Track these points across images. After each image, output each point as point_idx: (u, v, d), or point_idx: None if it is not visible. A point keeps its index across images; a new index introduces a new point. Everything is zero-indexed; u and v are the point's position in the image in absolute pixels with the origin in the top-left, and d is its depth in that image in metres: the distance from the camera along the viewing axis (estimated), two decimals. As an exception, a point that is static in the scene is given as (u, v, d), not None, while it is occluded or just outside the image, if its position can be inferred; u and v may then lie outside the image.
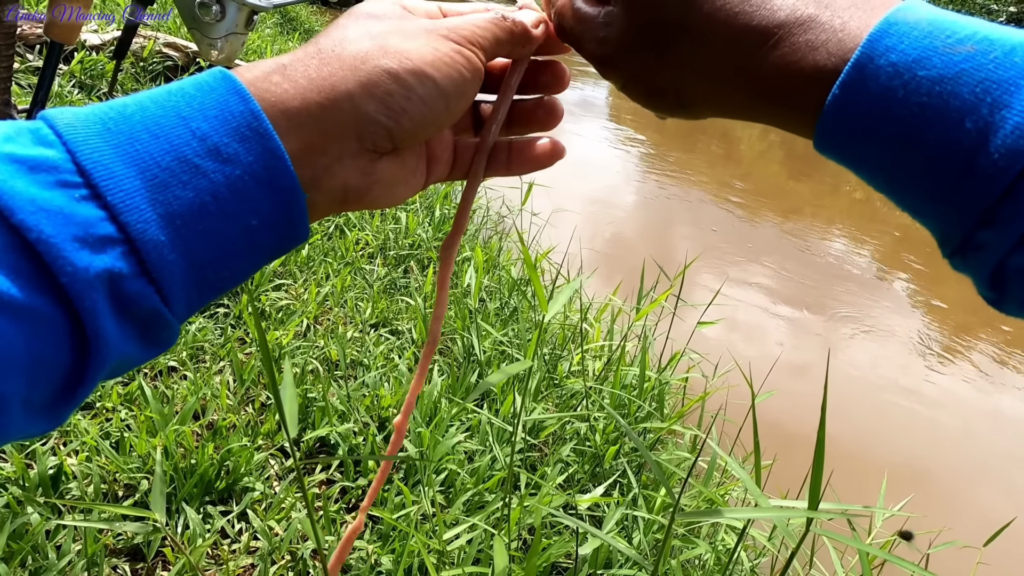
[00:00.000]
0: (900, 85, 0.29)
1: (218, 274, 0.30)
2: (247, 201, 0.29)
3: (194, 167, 0.28)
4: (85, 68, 3.05)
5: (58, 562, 1.07)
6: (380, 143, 0.34)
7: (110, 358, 0.27)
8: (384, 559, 1.27)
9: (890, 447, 2.76)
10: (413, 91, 0.33)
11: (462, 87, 0.35)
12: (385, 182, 0.36)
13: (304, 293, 2.16)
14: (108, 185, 0.26)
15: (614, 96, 9.10)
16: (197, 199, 0.28)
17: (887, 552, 0.68)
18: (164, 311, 0.28)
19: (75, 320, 0.25)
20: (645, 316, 2.00)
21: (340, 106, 0.32)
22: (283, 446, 1.53)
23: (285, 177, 0.30)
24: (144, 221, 0.26)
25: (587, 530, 0.85)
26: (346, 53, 0.32)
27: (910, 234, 5.86)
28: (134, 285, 0.26)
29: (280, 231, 0.31)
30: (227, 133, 0.29)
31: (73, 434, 1.36)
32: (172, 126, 0.28)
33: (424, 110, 0.34)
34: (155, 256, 0.27)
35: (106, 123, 0.27)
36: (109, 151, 0.27)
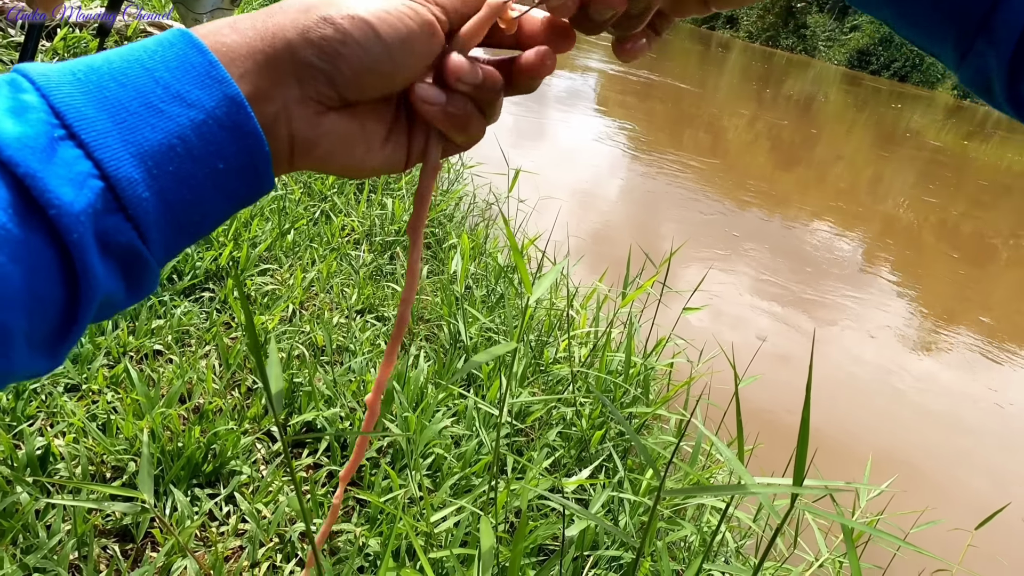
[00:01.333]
0: None
1: (190, 217, 0.31)
2: (212, 144, 0.31)
3: (160, 111, 0.30)
4: (68, 46, 3.00)
5: (48, 541, 1.07)
6: (322, 90, 0.34)
7: (98, 293, 0.29)
8: (372, 541, 1.28)
9: (873, 433, 2.80)
10: (349, 35, 0.34)
11: (406, 38, 0.35)
12: (336, 138, 0.36)
13: (290, 278, 2.15)
14: (82, 125, 0.28)
15: (602, 86, 9.09)
16: (166, 141, 0.29)
17: (872, 528, 0.69)
18: (142, 249, 0.30)
19: (64, 255, 0.27)
20: (631, 303, 2.01)
21: (280, 52, 0.33)
22: (270, 430, 1.53)
23: (247, 122, 0.32)
24: (117, 159, 0.28)
25: (574, 511, 0.86)
26: (292, 7, 0.34)
27: (894, 224, 5.92)
28: (112, 220, 0.28)
29: (246, 178, 0.33)
30: (188, 81, 0.30)
31: (60, 415, 1.35)
32: (137, 75, 0.30)
33: (362, 55, 0.34)
34: (130, 192, 0.28)
35: (75, 74, 0.29)
36: (80, 96, 0.28)
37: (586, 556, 1.39)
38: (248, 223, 2.30)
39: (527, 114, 6.45)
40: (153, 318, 1.73)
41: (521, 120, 6.21)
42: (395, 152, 0.40)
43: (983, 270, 5.23)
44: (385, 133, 0.39)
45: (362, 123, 0.37)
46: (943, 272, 5.01)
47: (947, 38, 0.34)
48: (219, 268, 2.04)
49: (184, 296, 1.90)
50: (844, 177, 7.17)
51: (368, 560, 1.27)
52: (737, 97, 10.20)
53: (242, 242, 2.17)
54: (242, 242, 2.17)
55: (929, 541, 1.31)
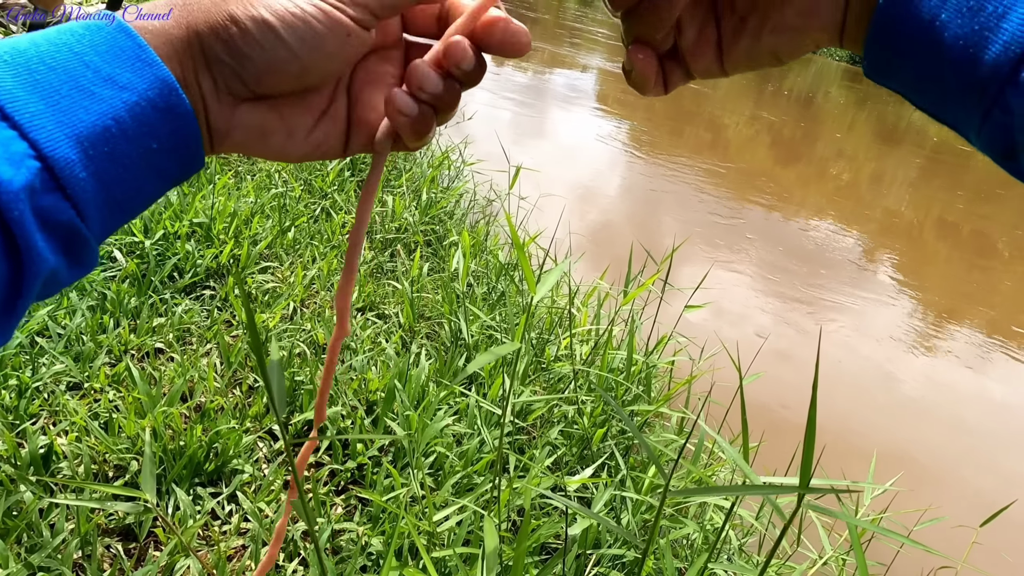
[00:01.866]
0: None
1: (126, 195, 0.32)
2: (146, 125, 0.32)
3: (92, 94, 0.30)
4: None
5: (52, 540, 1.07)
6: (233, 85, 0.35)
7: (43, 268, 0.29)
8: (374, 541, 1.28)
9: (876, 430, 2.79)
10: (251, 36, 0.34)
11: (313, 41, 0.35)
12: (250, 128, 0.37)
13: (290, 276, 2.15)
14: (15, 107, 0.28)
15: (602, 83, 9.08)
16: (100, 122, 0.30)
17: (877, 526, 0.69)
18: (81, 226, 0.30)
19: (6, 232, 0.27)
20: (632, 300, 2.01)
21: (193, 44, 0.34)
22: (271, 429, 1.53)
23: (179, 103, 0.33)
24: (53, 140, 0.28)
25: (577, 510, 0.86)
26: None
27: (895, 220, 5.92)
28: (51, 198, 0.29)
29: (179, 156, 0.34)
30: (119, 64, 0.31)
31: (62, 414, 1.35)
32: (66, 59, 0.30)
33: (266, 56, 0.35)
34: (67, 172, 0.29)
35: (2, 57, 0.29)
36: (10, 79, 0.28)
37: (589, 554, 1.39)
38: (249, 221, 2.30)
39: (527, 111, 6.45)
40: (154, 316, 1.73)
41: (521, 117, 6.20)
42: (326, 139, 0.40)
43: (985, 266, 5.23)
44: (312, 123, 0.39)
45: (280, 114, 0.38)
46: (945, 268, 5.00)
47: (968, 99, 0.33)
48: (220, 266, 2.04)
49: (185, 294, 1.89)
50: (845, 174, 7.17)
51: (371, 559, 1.27)
52: (737, 94, 10.19)
53: (243, 240, 2.17)
54: (243, 240, 2.17)
55: (933, 538, 1.31)
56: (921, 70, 0.34)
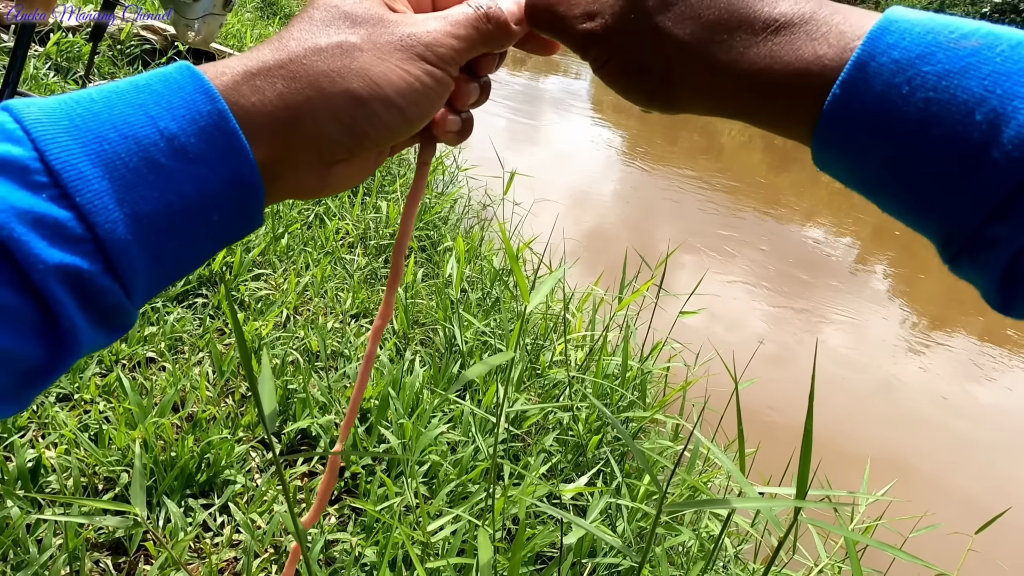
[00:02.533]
0: (904, 81, 0.28)
1: (177, 265, 0.31)
2: (211, 199, 0.30)
3: (160, 167, 0.28)
4: (61, 50, 2.98)
5: (39, 556, 1.05)
6: (339, 156, 0.35)
7: (83, 347, 0.28)
8: (368, 551, 1.26)
9: (870, 435, 2.79)
10: (377, 116, 0.34)
11: (427, 109, 0.36)
12: (338, 183, 0.37)
13: (284, 283, 2.14)
14: (77, 186, 0.26)
15: (596, 88, 9.09)
16: (163, 198, 0.28)
17: (870, 538, 0.68)
18: (126, 303, 0.29)
19: (46, 313, 0.26)
20: (627, 306, 2.01)
21: (304, 124, 0.32)
22: (264, 438, 1.52)
23: (250, 176, 0.31)
24: (112, 222, 0.27)
25: (571, 520, 0.85)
26: (315, 69, 0.32)
27: (889, 225, 5.94)
28: (101, 282, 0.27)
29: (237, 223, 0.32)
30: (194, 133, 0.29)
31: (51, 426, 1.34)
32: (140, 125, 0.28)
33: (386, 132, 0.35)
34: (121, 255, 0.28)
35: (73, 119, 0.27)
36: (77, 149, 0.27)
37: (584, 563, 1.38)
38: (241, 228, 2.28)
39: (522, 117, 6.45)
40: (146, 325, 1.71)
41: (516, 123, 6.20)
42: (375, 166, 0.40)
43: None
44: (376, 155, 0.40)
45: (361, 163, 0.38)
46: (937, 274, 5.02)
47: (931, 237, 0.32)
48: (212, 273, 2.02)
49: (177, 302, 1.88)
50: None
51: (364, 570, 1.26)
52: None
53: (235, 247, 2.16)
54: (235, 247, 2.16)
55: (929, 546, 1.30)
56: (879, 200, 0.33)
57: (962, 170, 0.28)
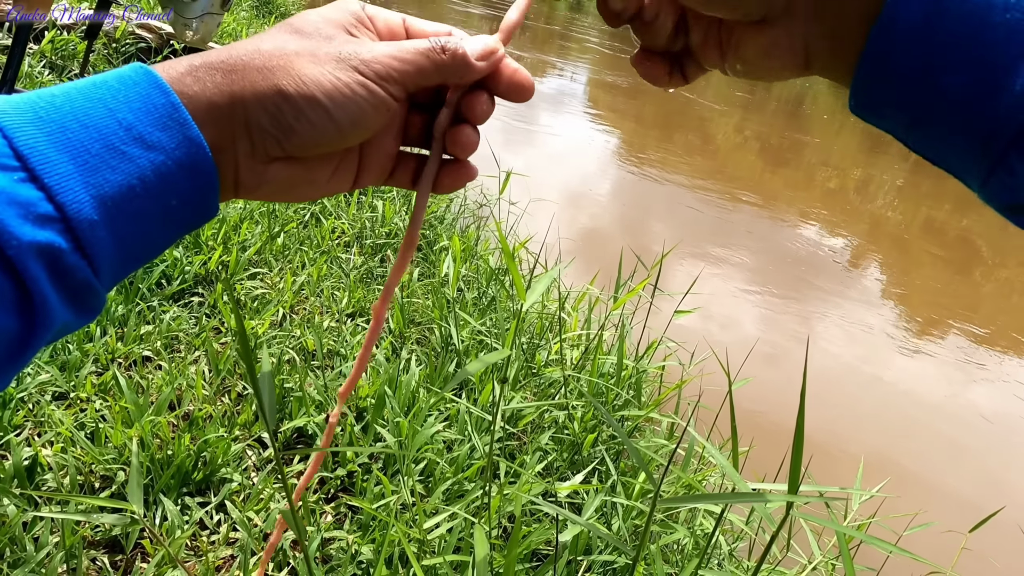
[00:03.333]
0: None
1: (141, 248, 0.33)
2: (169, 183, 0.32)
3: (121, 153, 0.31)
4: (56, 48, 2.98)
5: (36, 554, 1.05)
6: (271, 149, 0.36)
7: (56, 323, 0.30)
8: (364, 549, 1.27)
9: (864, 434, 2.81)
10: (302, 113, 0.35)
11: (358, 118, 0.37)
12: (277, 183, 0.38)
13: (280, 282, 2.14)
14: (44, 169, 0.28)
15: (592, 88, 9.11)
16: (126, 182, 0.31)
17: (864, 533, 0.69)
18: (94, 282, 0.31)
19: (21, 289, 0.28)
20: (623, 305, 2.01)
21: (237, 112, 0.34)
22: (260, 437, 1.52)
23: (205, 162, 0.33)
24: (79, 202, 0.29)
25: (567, 517, 0.86)
26: (252, 65, 0.35)
27: (882, 225, 5.96)
28: (71, 259, 0.29)
29: (195, 209, 0.35)
30: (151, 123, 0.32)
31: (47, 424, 1.34)
32: (99, 116, 0.31)
33: (313, 132, 0.36)
34: (89, 234, 0.29)
35: (37, 112, 0.29)
36: (43, 138, 0.29)
37: (580, 560, 1.39)
38: (238, 227, 2.29)
39: (517, 116, 6.45)
40: (142, 324, 1.71)
41: (511, 122, 6.21)
42: (341, 183, 0.42)
43: (970, 271, 5.27)
44: (331, 171, 0.41)
45: (307, 167, 0.39)
46: (931, 273, 5.04)
47: (969, 152, 0.32)
48: (208, 272, 2.02)
49: (173, 301, 1.88)
50: (832, 180, 7.21)
51: (361, 568, 1.27)
52: (727, 100, 10.25)
53: (231, 246, 2.16)
54: (231, 246, 2.16)
55: (922, 544, 1.32)
56: (916, 115, 0.33)
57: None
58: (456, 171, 0.43)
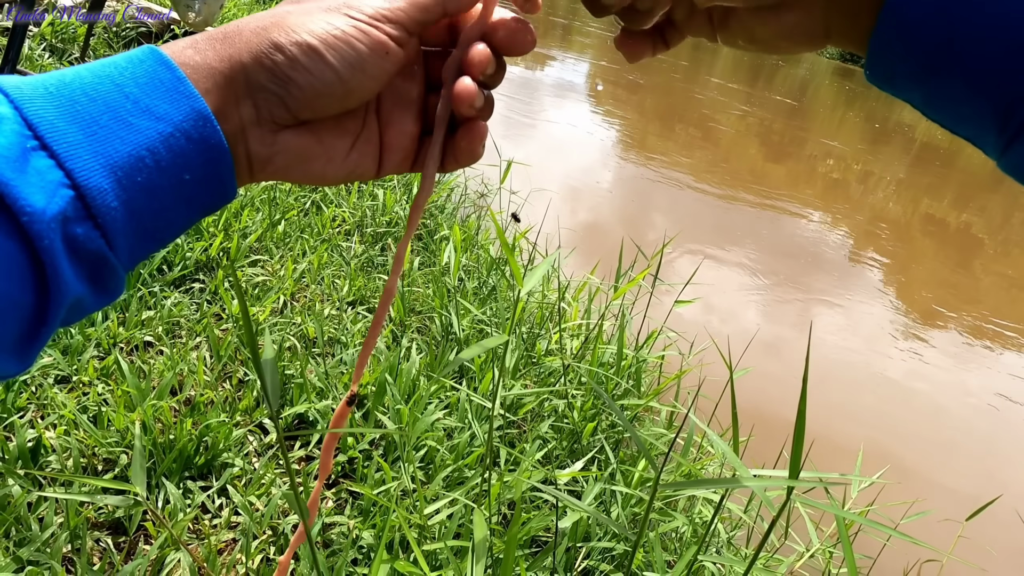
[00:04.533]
0: None
1: (155, 225, 0.33)
2: (180, 156, 0.32)
3: (130, 124, 0.31)
4: (56, 31, 2.97)
5: (41, 534, 1.06)
6: (276, 112, 0.35)
7: (68, 296, 0.30)
8: (365, 534, 1.28)
9: (862, 424, 2.82)
10: (297, 62, 0.35)
11: (356, 62, 0.36)
12: (291, 154, 0.37)
13: (281, 269, 2.14)
14: (54, 137, 0.29)
15: (593, 77, 9.08)
16: (135, 152, 0.31)
17: (864, 518, 0.69)
18: (109, 255, 0.31)
19: (35, 260, 0.28)
20: (623, 295, 2.02)
21: (236, 74, 0.34)
22: (262, 423, 1.53)
23: (213, 135, 0.33)
24: (88, 169, 0.29)
25: (567, 503, 0.86)
26: (247, 29, 0.35)
27: (883, 217, 5.96)
28: (82, 227, 0.29)
29: (211, 187, 0.35)
30: (157, 96, 0.32)
31: (51, 407, 1.34)
32: (107, 91, 0.31)
33: (312, 80, 0.35)
34: (100, 201, 0.29)
35: (47, 87, 0.30)
36: (52, 109, 0.29)
37: (579, 547, 1.40)
38: (239, 213, 2.29)
39: (519, 106, 6.44)
40: (143, 309, 1.72)
41: (512, 112, 6.19)
42: (361, 161, 0.41)
43: (971, 263, 5.27)
44: (348, 146, 0.40)
45: (320, 138, 0.38)
46: (931, 265, 5.04)
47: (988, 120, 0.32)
48: (209, 259, 2.03)
49: (174, 287, 1.88)
50: (834, 172, 7.21)
51: (362, 552, 1.27)
52: (728, 91, 10.22)
53: (232, 232, 2.16)
54: (232, 232, 2.16)
55: (919, 532, 1.32)
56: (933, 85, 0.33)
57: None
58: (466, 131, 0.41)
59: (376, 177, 0.43)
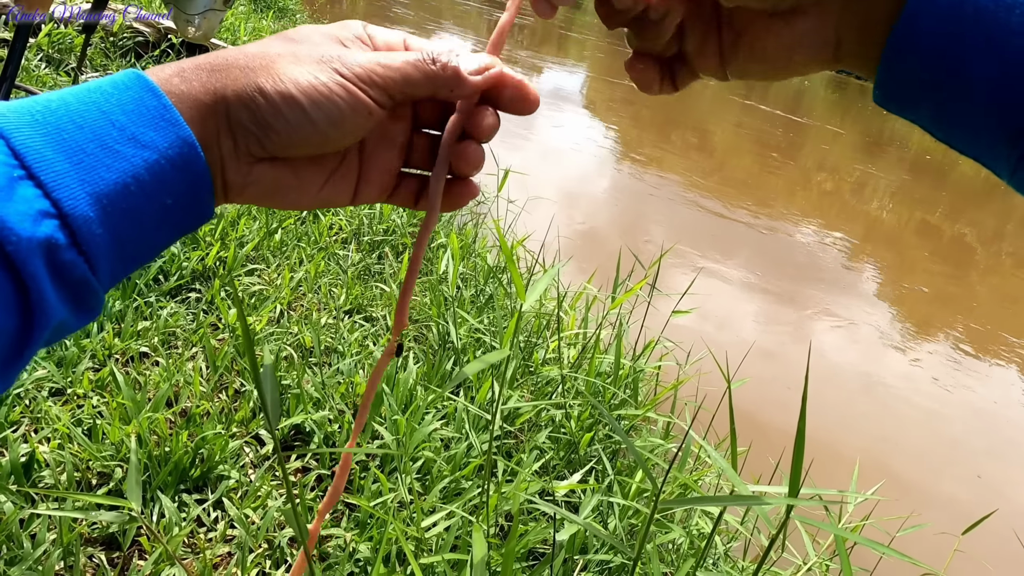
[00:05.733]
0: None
1: (136, 248, 0.33)
2: (163, 182, 0.33)
3: (115, 152, 0.31)
4: (53, 42, 2.96)
5: (33, 551, 1.05)
6: (253, 148, 0.36)
7: (53, 320, 0.30)
8: (362, 546, 1.27)
9: (858, 435, 2.82)
10: (278, 109, 0.35)
11: (336, 118, 0.37)
12: (265, 184, 0.38)
13: (277, 278, 2.14)
14: (41, 166, 0.29)
15: (589, 88, 9.10)
16: (120, 180, 0.31)
17: (859, 536, 0.69)
18: (92, 280, 0.31)
19: (19, 286, 0.28)
20: (620, 305, 2.02)
21: (219, 109, 0.35)
22: (258, 434, 1.52)
23: (196, 161, 0.34)
24: (74, 198, 0.30)
25: (565, 516, 0.86)
26: (236, 64, 0.36)
27: (878, 227, 5.98)
28: (68, 255, 0.29)
29: (191, 210, 0.35)
30: (143, 123, 0.32)
31: (44, 421, 1.33)
32: (94, 118, 0.31)
33: (290, 130, 0.36)
34: (85, 230, 0.30)
35: (34, 115, 0.30)
36: (39, 138, 0.30)
37: (576, 559, 1.39)
38: (235, 222, 2.28)
39: (515, 115, 6.45)
40: (139, 320, 1.71)
41: (509, 120, 6.19)
42: (336, 193, 0.42)
43: (965, 273, 5.29)
44: (324, 179, 0.41)
45: (295, 171, 0.39)
46: (926, 275, 5.06)
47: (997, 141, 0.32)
48: (206, 268, 2.02)
49: (170, 297, 1.88)
50: (829, 182, 7.23)
51: (358, 566, 1.27)
52: (723, 101, 10.26)
53: (229, 242, 2.15)
54: (229, 242, 2.15)
55: (915, 546, 1.32)
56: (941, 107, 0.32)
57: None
58: (460, 189, 0.43)
59: (351, 204, 0.44)
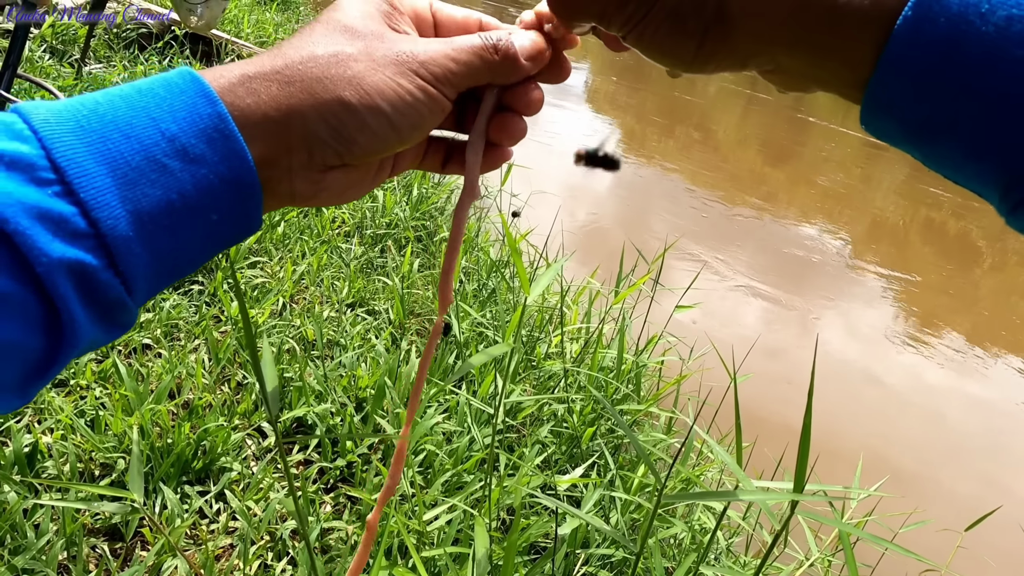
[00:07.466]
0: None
1: (177, 264, 0.31)
2: (211, 198, 0.31)
3: (162, 166, 0.29)
4: (56, 33, 2.96)
5: (37, 541, 1.05)
6: (330, 160, 0.35)
7: (82, 342, 0.29)
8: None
9: (862, 431, 2.81)
10: (365, 123, 0.34)
11: (417, 122, 0.36)
12: (334, 190, 0.37)
13: (280, 271, 2.14)
14: (81, 183, 0.27)
15: (593, 82, 9.08)
16: (164, 196, 0.29)
17: (862, 531, 0.69)
18: (127, 300, 0.30)
19: (48, 306, 0.27)
20: (623, 299, 2.01)
21: (294, 125, 0.33)
22: (260, 426, 1.52)
23: (248, 176, 0.32)
24: (114, 218, 0.28)
25: (567, 510, 0.86)
26: (310, 75, 0.33)
27: (882, 224, 5.96)
28: (103, 276, 0.28)
29: (237, 224, 0.33)
30: (195, 135, 0.30)
31: (48, 412, 1.33)
32: (143, 127, 0.29)
33: (374, 140, 0.35)
34: (123, 251, 0.28)
35: (79, 120, 0.28)
36: (82, 149, 0.28)
37: (578, 554, 1.39)
38: (238, 215, 2.28)
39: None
40: (142, 311, 1.71)
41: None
42: (380, 177, 0.41)
43: (969, 270, 5.27)
44: (376, 169, 0.40)
45: (359, 171, 0.38)
46: (931, 272, 5.04)
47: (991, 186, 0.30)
48: (209, 261, 2.02)
49: (173, 289, 1.88)
50: (833, 177, 7.21)
51: (360, 558, 1.27)
52: (727, 96, 10.23)
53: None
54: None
55: (918, 542, 1.32)
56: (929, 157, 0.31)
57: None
58: (494, 154, 0.43)
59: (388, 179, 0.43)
